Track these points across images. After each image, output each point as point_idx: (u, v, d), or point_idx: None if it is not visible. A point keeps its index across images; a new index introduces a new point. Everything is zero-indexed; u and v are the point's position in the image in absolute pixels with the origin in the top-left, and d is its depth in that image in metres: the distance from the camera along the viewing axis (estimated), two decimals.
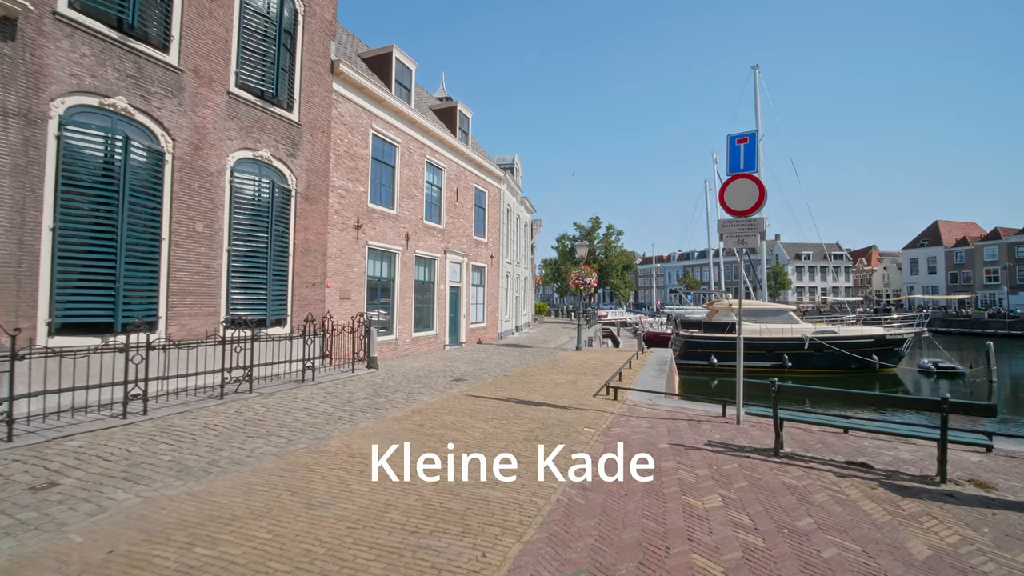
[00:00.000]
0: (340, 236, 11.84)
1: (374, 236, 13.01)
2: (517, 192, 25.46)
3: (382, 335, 13.39)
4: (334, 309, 11.63)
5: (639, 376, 11.54)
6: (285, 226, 10.27)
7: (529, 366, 12.74)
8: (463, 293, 17.79)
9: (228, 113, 9.10)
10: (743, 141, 7.09)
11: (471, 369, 11.81)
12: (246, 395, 7.76)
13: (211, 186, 8.76)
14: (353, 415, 6.83)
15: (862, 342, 23.18)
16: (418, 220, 15.07)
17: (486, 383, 9.87)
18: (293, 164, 10.49)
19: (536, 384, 9.90)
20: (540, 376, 11.02)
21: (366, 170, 12.78)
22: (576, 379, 10.70)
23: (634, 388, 9.35)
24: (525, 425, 6.49)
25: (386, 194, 13.79)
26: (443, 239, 16.56)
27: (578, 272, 17.10)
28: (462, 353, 15.40)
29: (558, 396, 8.67)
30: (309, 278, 10.86)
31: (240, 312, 9.14)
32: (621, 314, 50.50)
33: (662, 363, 14.16)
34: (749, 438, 6.22)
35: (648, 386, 10.27)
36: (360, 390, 8.62)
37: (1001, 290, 56.44)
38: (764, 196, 6.85)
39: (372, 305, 13.09)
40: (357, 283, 12.37)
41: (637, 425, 6.80)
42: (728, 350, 23.72)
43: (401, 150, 14.23)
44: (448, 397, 8.29)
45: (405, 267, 14.34)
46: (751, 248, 6.94)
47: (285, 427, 6.10)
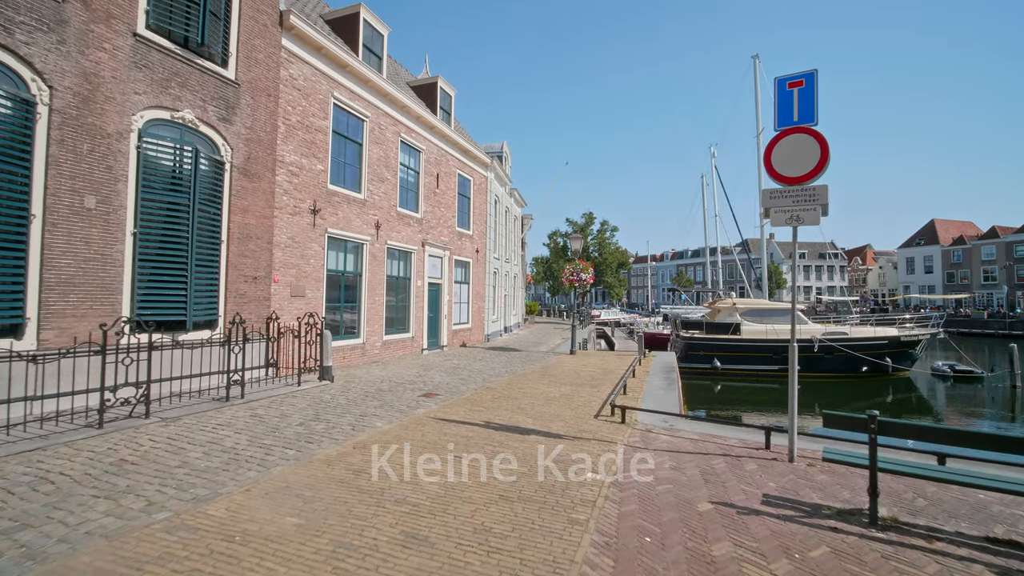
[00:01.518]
0: (292, 222, 9.95)
1: (336, 223, 11.12)
2: (506, 182, 23.65)
3: (346, 339, 11.51)
4: (284, 309, 9.74)
5: (645, 388, 9.78)
6: (216, 206, 8.36)
7: (517, 375, 10.93)
8: (444, 291, 15.94)
9: (135, 60, 7.18)
10: (796, 85, 5.34)
11: (447, 379, 9.97)
12: (139, 421, 5.86)
13: (108, 151, 6.84)
14: (270, 453, 4.97)
15: (875, 344, 21.64)
16: (391, 207, 13.19)
17: (462, 399, 8.04)
18: (227, 131, 8.59)
19: (524, 400, 8.09)
20: (529, 388, 9.22)
21: (325, 145, 10.88)
22: (572, 392, 8.91)
23: (645, 409, 7.54)
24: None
25: (351, 175, 11.90)
26: (421, 230, 14.69)
27: (572, 267, 15.32)
28: (441, 359, 13.55)
29: (551, 417, 6.87)
30: (249, 270, 8.96)
31: (150, 311, 7.23)
32: (615, 314, 48.86)
33: (668, 370, 12.43)
34: (817, 488, 4.46)
35: (658, 401, 8.50)
36: (298, 412, 6.75)
37: (1001, 289, 55.63)
38: (827, 156, 5.10)
39: (333, 304, 11.20)
40: (314, 278, 10.48)
41: (658, 465, 5.01)
42: (732, 352, 22.14)
43: (370, 125, 12.35)
44: (409, 422, 6.44)
45: (375, 260, 12.46)
46: (812, 223, 5.17)
47: (161, 476, 4.24)
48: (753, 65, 32.77)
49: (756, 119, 32.38)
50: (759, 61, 32.79)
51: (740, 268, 43.20)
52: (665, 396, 8.96)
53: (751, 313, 23.00)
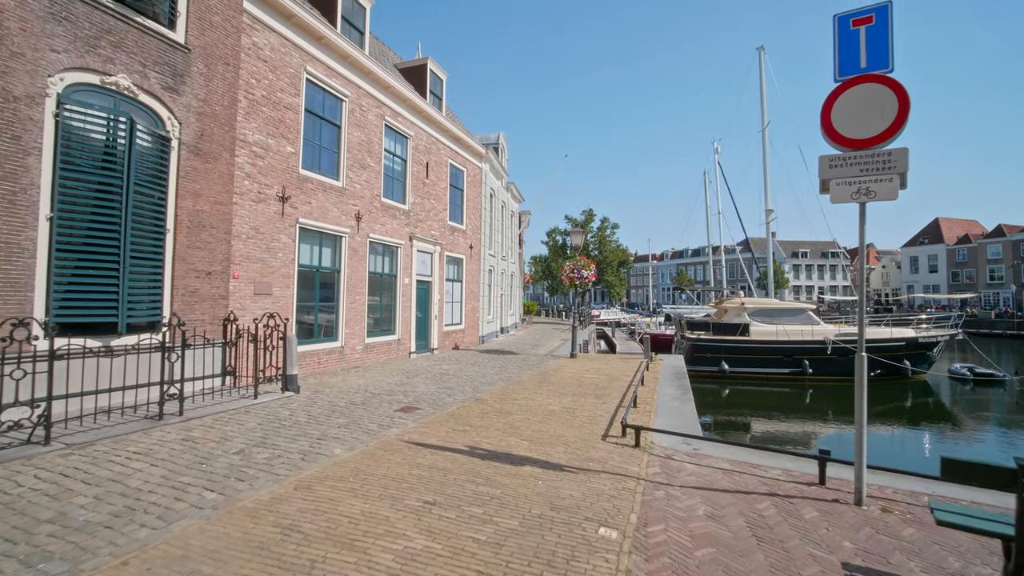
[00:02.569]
0: (255, 210, 8.76)
1: (309, 213, 9.94)
2: (502, 175, 22.46)
3: (322, 342, 10.33)
4: (246, 308, 8.56)
5: (657, 398, 8.62)
6: (159, 189, 7.17)
7: (512, 382, 9.75)
8: (434, 289, 14.76)
9: (52, 11, 5.99)
10: (863, 22, 4.17)
11: (433, 389, 8.79)
12: (35, 449, 4.67)
13: (14, 117, 5.64)
14: (182, 497, 3.79)
15: (892, 346, 20.51)
16: (374, 196, 12.01)
17: (446, 415, 6.86)
18: (174, 103, 7.39)
19: (518, 415, 6.92)
20: (525, 399, 8.04)
21: (297, 125, 9.70)
22: (574, 404, 7.74)
23: (663, 430, 6.34)
24: (489, 528, 3.50)
25: (328, 160, 10.71)
26: (408, 223, 13.50)
27: (573, 264, 14.14)
28: (430, 363, 12.38)
29: (550, 440, 5.70)
30: (202, 264, 7.77)
31: (72, 312, 6.05)
32: (615, 314, 47.71)
33: (679, 377, 11.27)
34: (911, 551, 3.30)
35: (674, 416, 7.34)
36: (242, 434, 5.56)
37: (1008, 288, 54.64)
38: (907, 111, 3.94)
39: (307, 304, 10.01)
40: (283, 274, 9.29)
41: (690, 512, 3.85)
42: (741, 355, 21.01)
43: (350, 106, 11.16)
44: (377, 447, 5.27)
45: (355, 255, 11.28)
46: (888, 198, 4.00)
47: (11, 540, 3.06)
48: (758, 57, 31.65)
49: (761, 112, 31.27)
50: (764, 53, 31.67)
51: (743, 266, 42.12)
52: (681, 409, 7.80)
53: (760, 313, 21.86)
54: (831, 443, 13.29)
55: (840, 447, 12.88)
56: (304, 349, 9.71)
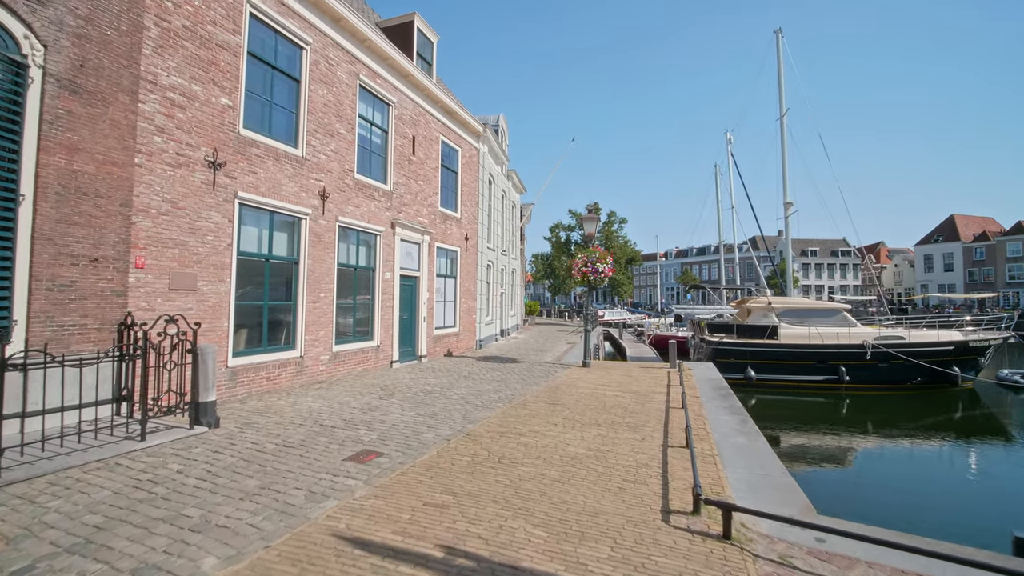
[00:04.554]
0: (172, 177, 6.55)
1: (254, 186, 7.73)
2: (503, 161, 20.24)
3: (273, 351, 8.12)
4: (156, 309, 6.34)
5: (711, 428, 6.39)
6: (10, 140, 4.97)
7: (515, 403, 7.55)
8: (422, 286, 12.54)
9: None
10: None
11: (409, 416, 6.57)
12: None
13: None
14: None
15: (940, 350, 18.31)
16: (345, 171, 9.79)
17: (419, 467, 4.64)
18: (35, 16, 5.18)
19: (526, 466, 4.70)
20: (534, 434, 5.83)
21: (235, 71, 7.48)
22: (604, 442, 5.53)
23: (762, 513, 3.97)
24: None
25: (283, 122, 8.50)
26: (390, 206, 11.29)
27: (587, 256, 11.89)
28: (414, 375, 10.17)
29: (581, 524, 3.49)
30: (82, 247, 5.56)
31: None
32: (620, 314, 45.48)
33: (722, 393, 9.08)
34: None
35: (747, 459, 5.15)
36: (63, 521, 3.34)
37: None
38: None
39: (251, 303, 7.80)
40: (214, 263, 7.08)
41: None
42: (769, 360, 18.80)
43: (313, 57, 8.96)
44: (283, 552, 3.05)
45: (320, 242, 9.07)
46: None
47: None
48: (776, 40, 29.41)
49: (779, 99, 28.97)
50: (782, 36, 29.45)
51: (757, 264, 39.90)
52: (753, 450, 5.58)
53: (790, 314, 19.66)
54: (877, 463, 11.33)
55: (888, 467, 10.99)
56: (245, 362, 7.51)
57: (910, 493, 9.08)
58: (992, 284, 57.00)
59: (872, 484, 9.65)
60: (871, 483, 9.74)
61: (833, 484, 9.75)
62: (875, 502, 8.60)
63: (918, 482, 9.97)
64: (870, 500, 8.70)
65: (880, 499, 8.71)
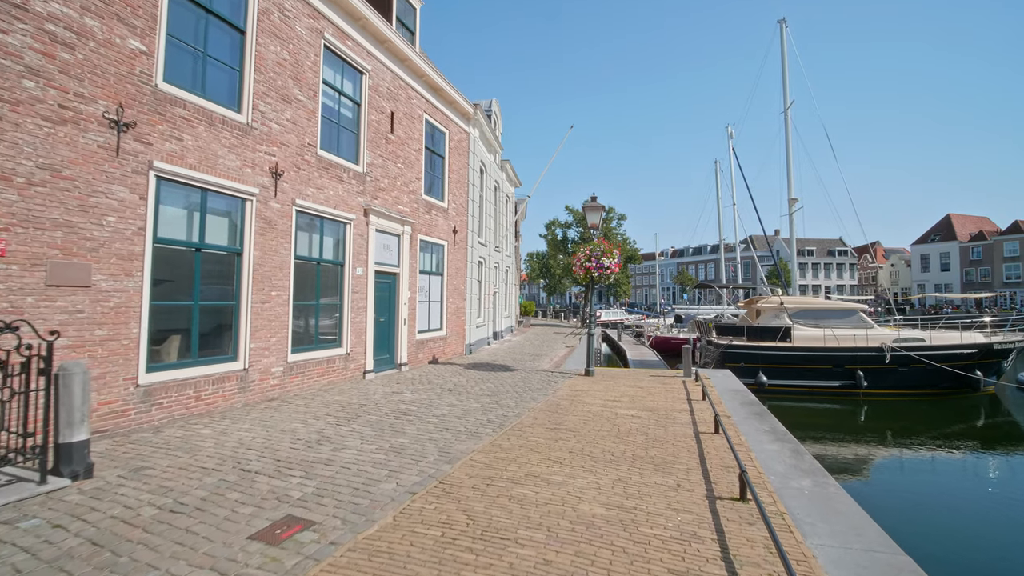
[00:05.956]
0: (52, 136, 4.94)
1: (178, 156, 6.13)
2: (496, 149, 18.69)
3: (208, 363, 6.52)
4: (28, 311, 4.73)
5: (761, 466, 4.90)
6: None
7: (507, 429, 6.01)
8: (402, 283, 10.97)
9: None
10: None
11: (367, 454, 5.02)
12: None
13: None
14: None
15: (963, 353, 17.05)
16: (304, 146, 8.21)
17: (357, 550, 3.08)
18: None
19: (521, 546, 3.16)
20: (532, 481, 4.30)
21: (151, 9, 5.88)
22: (628, 497, 4.01)
23: None
24: None
25: (221, 80, 6.90)
26: (363, 191, 9.72)
27: (591, 249, 10.39)
28: (389, 389, 8.61)
29: None
30: None
31: None
32: (617, 314, 44.07)
33: (756, 411, 7.60)
34: None
35: (831, 523, 3.67)
36: None
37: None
38: None
39: (176, 303, 6.20)
40: (116, 252, 5.48)
41: None
42: (783, 364, 17.43)
43: (263, 3, 7.37)
44: None
45: (272, 230, 7.49)
46: None
47: None
48: (780, 31, 28.09)
49: (784, 91, 27.64)
50: (786, 26, 28.11)
51: (758, 263, 38.70)
52: (827, 499, 4.09)
53: (803, 315, 18.31)
54: (900, 472, 10.31)
55: (908, 478, 9.99)
56: (164, 378, 5.91)
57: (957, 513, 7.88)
58: (989, 284, 56.37)
59: (909, 502, 8.37)
60: (907, 500, 8.43)
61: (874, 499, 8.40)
62: (916, 520, 7.43)
63: (959, 498, 8.66)
64: (916, 519, 7.47)
65: (920, 517, 7.60)
